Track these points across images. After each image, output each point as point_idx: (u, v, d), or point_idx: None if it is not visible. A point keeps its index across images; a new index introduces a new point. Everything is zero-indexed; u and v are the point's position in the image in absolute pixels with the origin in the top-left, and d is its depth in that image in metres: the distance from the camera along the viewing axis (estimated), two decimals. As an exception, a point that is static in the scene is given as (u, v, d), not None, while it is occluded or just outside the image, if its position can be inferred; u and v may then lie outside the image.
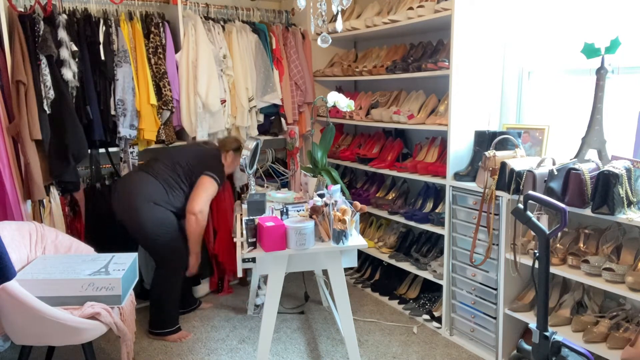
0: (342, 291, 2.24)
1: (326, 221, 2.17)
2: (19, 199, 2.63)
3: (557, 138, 2.56)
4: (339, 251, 2.20)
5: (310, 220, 2.16)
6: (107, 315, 2.05)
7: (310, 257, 2.19)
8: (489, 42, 2.65)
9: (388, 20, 2.92)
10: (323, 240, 2.17)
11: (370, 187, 3.54)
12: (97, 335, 2.06)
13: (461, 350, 2.64)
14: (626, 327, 2.07)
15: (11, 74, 2.57)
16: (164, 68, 3.01)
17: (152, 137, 2.99)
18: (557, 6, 2.48)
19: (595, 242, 2.19)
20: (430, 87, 3.10)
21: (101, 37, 2.83)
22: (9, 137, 2.61)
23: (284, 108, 3.52)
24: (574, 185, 2.00)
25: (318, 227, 2.16)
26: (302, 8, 1.95)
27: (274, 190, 3.00)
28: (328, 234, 2.17)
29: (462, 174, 2.60)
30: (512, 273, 2.36)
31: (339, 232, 2.12)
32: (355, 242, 2.17)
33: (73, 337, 2.01)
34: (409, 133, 3.38)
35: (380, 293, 3.30)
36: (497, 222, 2.37)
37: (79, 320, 1.99)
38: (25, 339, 2.01)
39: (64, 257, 2.29)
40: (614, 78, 2.26)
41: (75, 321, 1.97)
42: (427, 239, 3.14)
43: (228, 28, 3.32)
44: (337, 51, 3.76)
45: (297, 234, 2.07)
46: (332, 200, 2.19)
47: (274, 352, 2.66)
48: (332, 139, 2.98)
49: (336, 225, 2.11)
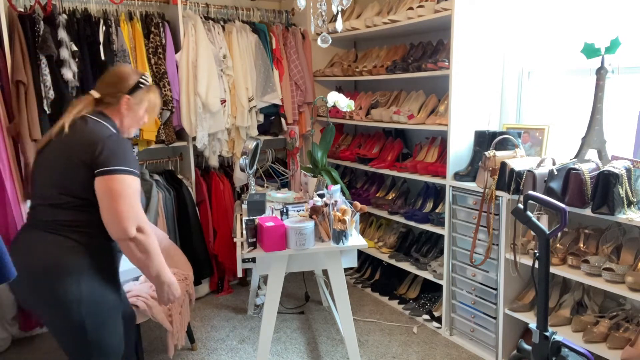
0: (342, 291, 2.24)
1: (326, 221, 2.17)
2: (19, 199, 2.63)
3: (557, 138, 2.56)
4: (339, 251, 2.20)
5: (310, 220, 2.15)
6: (146, 310, 2.18)
7: (310, 257, 2.19)
8: (489, 42, 2.65)
9: (388, 20, 2.92)
10: (323, 241, 2.17)
11: (370, 187, 3.54)
12: (139, 321, 2.19)
13: (461, 350, 2.64)
14: (626, 327, 2.07)
15: (11, 74, 2.57)
16: (164, 68, 3.01)
17: (151, 137, 2.99)
18: (557, 6, 2.48)
19: (595, 242, 2.19)
20: (430, 87, 3.10)
21: (101, 37, 2.83)
22: (9, 137, 2.61)
23: (284, 108, 3.52)
24: (574, 185, 2.00)
25: (318, 227, 2.16)
26: (302, 8, 1.95)
27: (274, 190, 3.00)
28: (328, 234, 2.17)
29: (462, 174, 2.60)
30: (512, 273, 2.36)
31: (339, 232, 2.11)
32: (355, 242, 2.17)
33: None
34: (409, 133, 3.38)
35: (380, 293, 3.30)
36: (497, 222, 2.37)
37: None
38: None
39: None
40: (614, 78, 2.26)
41: None
42: (427, 239, 3.14)
43: (228, 28, 3.32)
44: (337, 51, 3.76)
45: (297, 234, 2.07)
46: (332, 201, 2.18)
47: (274, 352, 2.66)
48: (332, 139, 2.96)
49: (336, 226, 2.11)
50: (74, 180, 1.58)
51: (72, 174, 1.58)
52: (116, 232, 1.54)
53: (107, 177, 1.54)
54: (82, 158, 1.56)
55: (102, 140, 1.58)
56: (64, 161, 1.59)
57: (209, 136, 3.22)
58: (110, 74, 1.76)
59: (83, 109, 1.67)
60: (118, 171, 1.55)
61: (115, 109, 1.72)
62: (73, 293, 1.55)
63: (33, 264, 1.56)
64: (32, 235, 1.61)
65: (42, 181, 1.64)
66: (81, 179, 1.57)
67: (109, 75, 1.75)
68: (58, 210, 1.59)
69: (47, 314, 1.61)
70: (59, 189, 1.59)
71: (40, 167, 1.66)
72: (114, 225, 1.54)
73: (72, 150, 1.58)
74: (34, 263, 1.56)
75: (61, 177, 1.59)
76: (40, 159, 1.67)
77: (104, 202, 1.54)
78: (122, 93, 1.72)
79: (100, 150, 1.56)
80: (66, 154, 1.59)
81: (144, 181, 3.16)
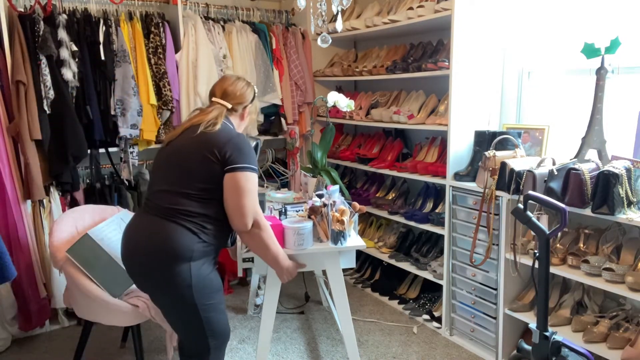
0: (340, 291, 2.24)
1: (324, 222, 2.16)
2: (19, 199, 2.63)
3: (557, 138, 2.56)
4: (337, 252, 2.18)
5: (308, 220, 2.15)
6: (146, 310, 2.17)
7: (308, 258, 2.16)
8: (489, 42, 2.65)
9: (388, 20, 2.92)
10: (321, 241, 2.16)
11: (370, 187, 3.54)
12: (139, 321, 2.22)
13: (461, 350, 2.64)
14: (626, 327, 2.07)
15: (11, 74, 2.57)
16: (164, 68, 3.01)
17: (151, 138, 2.99)
18: (558, 6, 2.48)
19: (595, 242, 2.19)
20: (430, 87, 3.10)
21: (101, 37, 2.83)
22: (9, 137, 2.61)
23: (284, 108, 3.52)
24: (574, 185, 2.00)
25: (316, 227, 2.16)
26: (302, 8, 1.95)
27: (274, 190, 2.99)
28: (326, 234, 2.16)
29: (462, 174, 2.60)
30: (512, 273, 2.36)
31: (337, 233, 2.11)
32: (354, 243, 2.16)
33: (117, 319, 2.18)
34: (409, 133, 3.38)
35: (380, 293, 3.30)
36: (497, 222, 2.37)
37: (119, 305, 2.12)
38: (81, 314, 2.27)
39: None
40: (614, 78, 2.26)
41: (117, 305, 2.12)
42: (427, 239, 3.14)
43: (228, 28, 3.32)
44: (337, 51, 3.76)
45: (295, 234, 2.06)
46: (331, 201, 2.18)
47: (274, 352, 2.66)
48: (332, 139, 2.95)
49: (334, 226, 2.11)
50: (203, 173, 1.70)
51: (202, 167, 1.70)
52: (238, 224, 1.73)
53: (236, 174, 1.69)
54: (214, 154, 1.69)
55: (232, 139, 1.73)
56: (198, 156, 1.71)
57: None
58: (234, 87, 1.90)
59: (218, 116, 1.80)
60: (245, 169, 1.71)
61: (238, 114, 1.92)
62: (185, 278, 1.67)
63: (148, 248, 1.69)
64: (150, 220, 1.73)
65: (171, 172, 1.76)
66: (210, 172, 1.70)
67: (234, 88, 1.90)
68: (179, 199, 1.70)
69: (161, 298, 1.77)
70: (191, 181, 1.71)
71: (171, 159, 1.78)
72: (237, 217, 1.72)
73: (206, 146, 1.70)
74: (152, 245, 1.69)
75: (194, 170, 1.71)
76: (171, 151, 1.79)
77: (231, 196, 1.70)
78: (247, 103, 1.94)
79: (231, 148, 1.70)
80: (200, 149, 1.71)
81: (144, 181, 3.16)
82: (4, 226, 2.59)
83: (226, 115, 1.87)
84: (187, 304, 1.70)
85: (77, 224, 2.36)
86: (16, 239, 2.62)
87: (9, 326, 2.74)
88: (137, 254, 1.72)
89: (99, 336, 2.80)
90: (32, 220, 2.75)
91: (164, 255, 1.66)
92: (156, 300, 1.81)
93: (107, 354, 2.65)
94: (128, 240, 1.76)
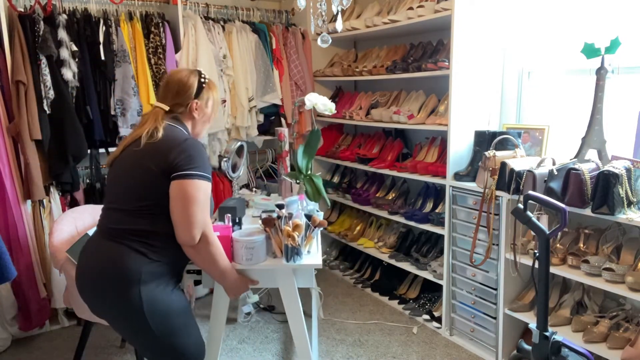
0: (296, 317, 1.94)
1: (279, 236, 1.91)
2: (19, 199, 2.63)
3: (557, 138, 2.56)
4: (291, 270, 1.92)
5: (262, 233, 1.91)
6: None
7: (260, 274, 1.91)
8: (489, 42, 2.65)
9: (388, 20, 2.92)
10: (276, 256, 1.92)
11: (370, 187, 3.54)
12: None
13: (461, 350, 2.64)
14: (626, 327, 2.07)
15: (11, 74, 2.57)
16: (164, 68, 3.01)
17: (152, 137, 2.98)
18: (557, 6, 2.48)
19: (595, 242, 2.19)
20: (430, 87, 3.10)
21: (101, 37, 2.83)
22: (9, 137, 2.61)
23: (284, 108, 3.52)
24: (574, 185, 2.00)
25: (271, 241, 1.93)
26: (302, 8, 1.95)
27: (260, 195, 2.85)
28: (281, 249, 1.91)
29: (462, 174, 2.60)
30: (512, 273, 2.36)
31: (290, 249, 1.86)
32: (310, 262, 1.89)
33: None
34: (409, 133, 3.38)
35: (380, 293, 3.30)
36: (497, 222, 2.37)
37: None
38: (81, 314, 2.26)
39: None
40: (614, 78, 2.26)
41: None
42: (427, 239, 3.14)
43: (228, 28, 3.32)
44: (337, 51, 3.76)
45: (244, 247, 1.83)
46: (286, 213, 1.92)
47: (274, 352, 2.66)
48: (317, 144, 2.59)
49: (287, 241, 1.87)
50: (148, 188, 1.57)
51: (147, 180, 1.57)
52: (183, 236, 1.56)
53: (184, 182, 1.54)
54: (159, 164, 1.56)
55: (179, 144, 1.58)
56: (141, 169, 1.58)
57: (209, 136, 3.22)
58: (172, 83, 1.71)
59: (155, 123, 1.63)
60: (194, 176, 1.55)
61: (186, 114, 1.72)
62: (134, 304, 1.53)
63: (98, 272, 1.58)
64: (98, 243, 1.63)
65: (116, 190, 1.64)
66: (156, 185, 1.56)
67: (171, 84, 1.71)
68: (125, 217, 1.59)
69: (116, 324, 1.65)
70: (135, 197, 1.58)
71: (116, 177, 1.66)
72: (183, 230, 1.55)
73: (150, 157, 1.57)
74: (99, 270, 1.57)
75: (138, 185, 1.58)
76: (115, 168, 1.67)
77: (177, 206, 1.54)
78: (190, 99, 1.71)
79: (178, 153, 1.55)
80: (143, 161, 1.58)
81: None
82: (4, 226, 2.59)
83: (173, 118, 1.70)
84: (143, 331, 1.56)
85: (77, 224, 2.36)
86: (16, 239, 2.62)
87: (9, 326, 2.74)
88: (86, 277, 1.62)
89: (99, 336, 2.80)
90: (32, 220, 2.75)
91: (110, 279, 1.55)
92: (114, 327, 1.69)
93: (107, 354, 2.66)
94: (79, 262, 1.66)
